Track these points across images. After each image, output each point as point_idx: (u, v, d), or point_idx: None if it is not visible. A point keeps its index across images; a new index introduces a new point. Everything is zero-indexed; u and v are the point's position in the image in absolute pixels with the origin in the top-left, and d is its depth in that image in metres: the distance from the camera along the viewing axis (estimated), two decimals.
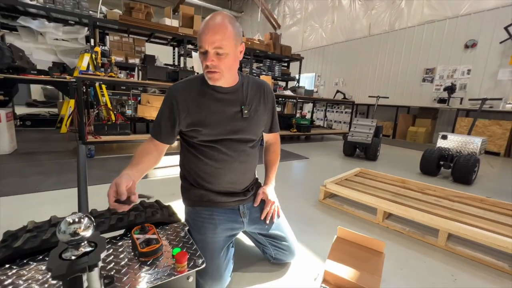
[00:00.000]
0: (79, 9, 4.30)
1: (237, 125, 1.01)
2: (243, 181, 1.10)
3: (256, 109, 1.06)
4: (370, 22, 7.21)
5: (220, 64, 0.89)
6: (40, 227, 0.85)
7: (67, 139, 3.64)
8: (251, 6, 11.83)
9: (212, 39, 0.85)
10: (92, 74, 2.88)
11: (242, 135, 1.03)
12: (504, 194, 2.42)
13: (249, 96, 1.05)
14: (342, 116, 7.73)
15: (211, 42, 0.85)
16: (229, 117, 1.00)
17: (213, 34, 0.85)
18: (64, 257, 0.48)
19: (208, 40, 0.85)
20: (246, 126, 1.03)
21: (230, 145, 1.02)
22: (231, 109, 1.00)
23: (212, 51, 0.86)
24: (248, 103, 1.04)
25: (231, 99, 1.01)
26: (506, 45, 4.76)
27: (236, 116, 1.01)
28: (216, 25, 0.86)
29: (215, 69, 0.89)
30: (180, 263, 0.77)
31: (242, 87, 1.04)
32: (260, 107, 1.08)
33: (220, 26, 0.86)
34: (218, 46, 0.86)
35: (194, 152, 1.03)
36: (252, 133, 1.06)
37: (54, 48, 4.76)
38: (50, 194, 1.86)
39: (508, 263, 1.28)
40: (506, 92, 4.83)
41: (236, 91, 1.02)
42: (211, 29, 0.85)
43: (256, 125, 1.06)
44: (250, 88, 1.06)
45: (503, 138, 4.58)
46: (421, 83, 6.17)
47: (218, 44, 0.85)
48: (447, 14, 5.63)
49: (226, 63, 0.90)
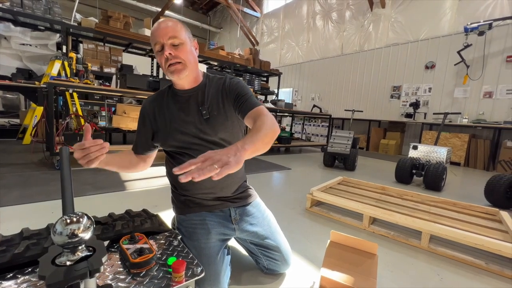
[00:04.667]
0: (51, 15, 4.09)
1: (200, 127, 0.96)
2: (225, 185, 1.03)
3: (217, 107, 0.98)
4: (342, 43, 7.76)
5: (180, 54, 0.88)
6: (10, 240, 0.74)
7: (32, 151, 3.32)
8: (230, 23, 12.17)
9: (165, 32, 0.86)
10: (66, 80, 2.70)
11: (210, 137, 0.97)
12: (470, 198, 2.63)
13: (210, 95, 0.99)
14: (319, 130, 8.02)
15: (165, 34, 0.86)
16: (191, 121, 0.97)
17: (164, 28, 0.87)
18: (58, 263, 0.41)
19: (161, 34, 0.86)
20: (210, 127, 0.97)
21: (199, 148, 0.96)
22: (192, 111, 0.98)
23: (167, 42, 0.87)
24: (208, 103, 0.98)
25: (191, 101, 0.99)
26: (459, 67, 5.37)
27: (198, 119, 0.97)
28: (164, 22, 0.89)
29: (176, 59, 0.88)
30: (177, 273, 0.71)
31: (205, 88, 1.00)
32: (223, 104, 0.99)
33: (169, 21, 0.89)
34: (172, 36, 0.87)
35: (171, 160, 1.05)
36: (220, 134, 0.99)
37: (19, 54, 4.42)
38: (13, 209, 1.65)
39: (484, 260, 1.37)
40: (462, 108, 5.40)
41: (198, 93, 0.99)
42: (162, 25, 0.88)
43: (221, 125, 0.98)
44: (211, 88, 1.01)
45: (462, 149, 5.05)
46: (390, 99, 6.67)
47: (172, 34, 0.86)
48: (408, 38, 6.26)
49: (184, 51, 0.89)
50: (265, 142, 0.78)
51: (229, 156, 0.64)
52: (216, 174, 0.59)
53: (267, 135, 0.79)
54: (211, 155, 0.63)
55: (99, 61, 5.00)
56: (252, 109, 0.92)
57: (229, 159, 0.63)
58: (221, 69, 6.32)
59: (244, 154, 0.69)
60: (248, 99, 0.95)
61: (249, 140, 0.73)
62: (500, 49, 4.89)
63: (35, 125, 3.61)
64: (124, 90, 3.11)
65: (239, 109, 0.96)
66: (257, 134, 0.77)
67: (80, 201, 1.88)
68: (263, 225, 1.10)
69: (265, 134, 0.79)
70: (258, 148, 0.75)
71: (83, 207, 1.72)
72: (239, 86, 0.99)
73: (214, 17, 13.95)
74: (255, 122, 0.87)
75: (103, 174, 2.59)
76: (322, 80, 8.43)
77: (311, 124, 8.31)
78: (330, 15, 8.01)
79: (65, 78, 2.98)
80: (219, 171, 0.60)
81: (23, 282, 0.60)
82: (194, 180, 0.58)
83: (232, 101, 0.98)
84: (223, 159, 0.63)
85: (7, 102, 8.95)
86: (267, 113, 0.90)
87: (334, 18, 7.91)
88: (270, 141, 0.81)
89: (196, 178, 0.58)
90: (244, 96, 0.96)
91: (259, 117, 0.88)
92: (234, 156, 0.65)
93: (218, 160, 0.62)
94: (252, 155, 0.74)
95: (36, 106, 3.78)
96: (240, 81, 1.02)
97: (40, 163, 2.86)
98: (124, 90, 3.11)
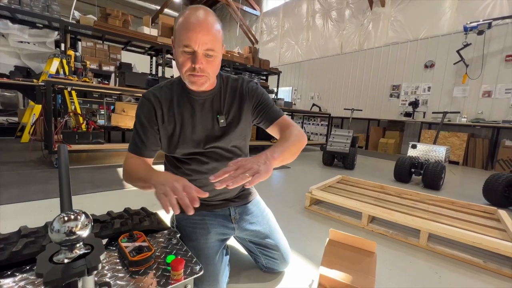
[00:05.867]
0: (49, 12, 4.06)
1: (215, 136, 0.92)
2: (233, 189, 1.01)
3: (234, 115, 0.95)
4: (341, 41, 7.75)
5: (208, 68, 0.79)
6: (8, 238, 0.74)
7: (31, 149, 3.30)
8: (229, 21, 12.12)
9: (204, 39, 0.74)
10: (64, 78, 2.68)
11: (223, 145, 0.94)
12: (468, 197, 2.64)
13: (227, 101, 0.94)
14: (318, 128, 8.02)
15: (203, 43, 0.74)
16: (206, 129, 0.91)
17: (205, 34, 0.74)
18: (56, 261, 0.41)
19: (199, 40, 0.74)
20: (226, 136, 0.93)
21: (211, 155, 0.93)
22: (207, 118, 0.91)
23: (202, 52, 0.76)
24: (225, 110, 0.93)
25: (206, 106, 0.91)
26: (458, 66, 5.37)
27: (213, 127, 0.92)
28: (205, 22, 0.74)
29: (203, 73, 0.79)
30: (176, 271, 0.70)
31: (220, 92, 0.94)
32: (240, 111, 0.95)
33: (211, 25, 0.76)
34: (210, 48, 0.76)
35: (176, 163, 0.97)
36: (234, 142, 0.96)
37: (17, 51, 4.40)
38: (11, 207, 1.65)
39: (482, 259, 1.37)
40: (461, 107, 5.40)
41: (213, 97, 0.93)
42: (202, 27, 0.74)
43: (236, 134, 0.95)
44: (228, 94, 0.95)
45: (461, 148, 5.06)
46: (389, 98, 6.67)
47: (211, 46, 0.76)
48: (408, 37, 6.26)
49: (214, 66, 0.81)
50: (292, 153, 0.82)
51: (259, 164, 0.67)
52: (248, 183, 0.62)
53: (295, 145, 0.83)
54: (243, 163, 0.66)
55: (97, 59, 4.98)
56: (278, 118, 0.95)
57: (260, 167, 0.66)
58: (221, 68, 6.30)
59: (273, 163, 0.72)
60: (272, 108, 0.96)
61: (279, 150, 0.76)
62: (499, 48, 4.89)
63: (34, 123, 3.60)
64: (123, 88, 3.10)
65: (261, 118, 0.97)
66: (286, 144, 0.81)
67: (79, 199, 1.87)
68: (262, 224, 1.09)
69: (293, 144, 0.83)
70: (286, 158, 0.79)
71: (82, 205, 1.72)
72: (259, 92, 0.97)
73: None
74: (284, 132, 0.91)
75: (102, 172, 2.58)
76: (321, 79, 8.43)
77: (310, 123, 8.31)
78: (330, 14, 8.00)
79: (64, 76, 2.96)
80: (251, 179, 0.62)
81: (21, 280, 0.60)
82: (228, 187, 0.62)
83: (252, 108, 0.97)
84: (254, 167, 0.65)
85: (5, 100, 8.91)
86: (294, 124, 0.94)
87: (334, 17, 7.90)
88: (297, 151, 0.85)
89: (230, 186, 0.61)
90: (267, 105, 0.96)
91: (288, 128, 0.91)
92: (264, 165, 0.68)
93: (249, 168, 0.65)
94: (279, 164, 0.77)
95: (34, 104, 3.77)
96: (259, 87, 0.99)
97: (39, 162, 2.85)
98: (123, 88, 3.10)
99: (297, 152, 0.84)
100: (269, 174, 0.67)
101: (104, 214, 0.95)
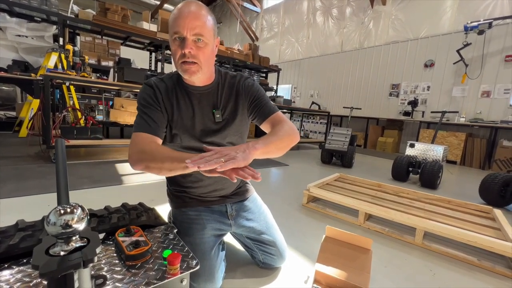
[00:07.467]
0: (47, 6, 4.02)
1: (210, 131, 0.93)
2: (226, 186, 1.04)
3: (231, 111, 0.96)
4: (342, 40, 7.72)
5: (199, 54, 0.79)
6: (5, 232, 0.74)
7: (29, 144, 3.29)
8: (229, 17, 12.05)
9: (192, 25, 0.76)
10: (63, 72, 2.67)
11: (218, 141, 0.95)
12: (465, 196, 2.66)
13: (223, 97, 0.95)
14: (318, 127, 8.03)
15: (191, 28, 0.76)
16: (201, 123, 0.92)
17: (193, 19, 0.76)
18: (52, 253, 0.41)
19: (187, 25, 0.75)
20: (221, 132, 0.94)
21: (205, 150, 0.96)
22: (203, 113, 0.92)
23: (191, 37, 0.77)
24: (222, 105, 0.94)
25: (202, 101, 0.92)
26: (458, 66, 5.37)
27: (209, 122, 0.93)
28: (195, 11, 0.77)
29: (194, 59, 0.79)
30: (172, 265, 0.71)
31: (218, 88, 0.95)
32: (237, 107, 0.96)
33: (200, 14, 0.78)
34: (198, 33, 0.77)
35: None
36: (229, 138, 0.97)
37: (15, 45, 4.36)
38: (9, 202, 1.65)
39: (476, 257, 1.39)
40: (459, 107, 5.42)
41: (210, 92, 0.93)
42: (191, 14, 0.76)
43: (232, 130, 0.96)
44: (225, 90, 0.96)
45: (459, 148, 5.08)
46: (388, 97, 6.68)
47: (199, 30, 0.77)
48: (408, 36, 6.24)
49: (205, 53, 0.81)
50: (279, 147, 0.82)
51: (237, 152, 0.67)
52: (220, 166, 0.62)
53: (282, 140, 0.82)
54: (221, 149, 0.68)
55: (96, 54, 4.95)
56: (271, 114, 0.94)
57: (237, 154, 0.66)
58: (220, 64, 6.28)
59: (253, 152, 0.72)
60: (266, 104, 0.96)
61: (262, 142, 0.76)
62: (499, 48, 4.89)
63: (32, 118, 3.58)
64: (122, 84, 3.09)
65: (256, 114, 0.96)
66: (272, 137, 0.81)
67: (77, 194, 1.87)
68: (259, 220, 1.10)
69: (281, 139, 0.82)
70: (270, 150, 0.78)
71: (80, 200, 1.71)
72: (255, 89, 0.98)
73: (214, 11, 13.80)
74: (273, 127, 0.90)
75: (100, 168, 2.58)
76: (321, 77, 8.41)
77: (309, 121, 8.31)
78: (331, 12, 7.96)
79: (62, 70, 2.94)
80: (224, 163, 0.62)
81: (18, 272, 0.61)
82: (199, 169, 0.62)
83: (248, 104, 0.97)
84: (231, 154, 0.66)
85: (3, 94, 8.85)
86: (286, 120, 0.92)
87: (335, 15, 7.86)
88: (285, 146, 0.84)
89: (202, 168, 0.61)
90: (262, 101, 0.96)
91: (279, 123, 0.90)
92: (243, 153, 0.68)
93: (226, 154, 0.66)
94: (263, 156, 0.77)
95: (32, 99, 3.75)
96: (255, 83, 1.00)
97: (37, 156, 2.84)
98: (122, 84, 3.09)
99: (285, 147, 0.84)
100: (247, 163, 0.68)
101: (101, 209, 0.95)
